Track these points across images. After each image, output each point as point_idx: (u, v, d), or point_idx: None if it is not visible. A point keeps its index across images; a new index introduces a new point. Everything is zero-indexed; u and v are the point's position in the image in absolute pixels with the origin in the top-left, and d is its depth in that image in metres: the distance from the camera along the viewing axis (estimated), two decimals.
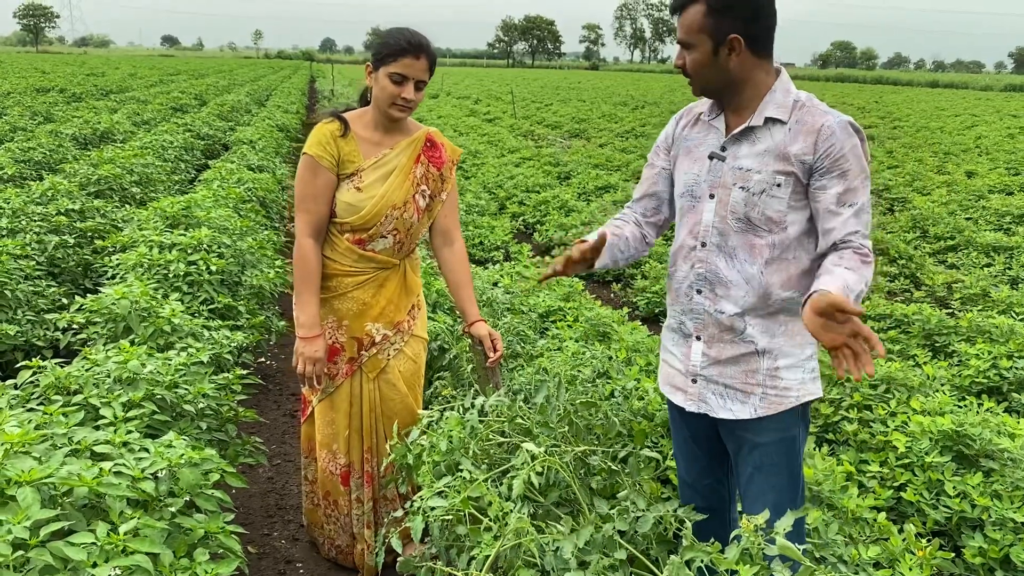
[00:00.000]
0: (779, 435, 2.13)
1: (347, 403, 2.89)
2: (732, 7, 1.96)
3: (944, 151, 16.48)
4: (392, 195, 2.74)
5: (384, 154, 2.76)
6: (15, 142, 10.26)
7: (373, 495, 2.96)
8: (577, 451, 2.37)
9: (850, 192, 1.97)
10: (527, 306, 5.00)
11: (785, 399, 2.10)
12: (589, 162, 13.75)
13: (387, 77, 2.62)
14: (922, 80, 75.12)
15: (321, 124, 2.76)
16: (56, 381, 2.76)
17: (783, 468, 2.15)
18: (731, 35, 1.97)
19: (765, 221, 2.05)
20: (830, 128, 1.97)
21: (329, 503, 3.03)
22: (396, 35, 2.63)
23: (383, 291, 2.83)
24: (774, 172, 2.02)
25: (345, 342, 2.85)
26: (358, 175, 2.72)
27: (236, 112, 18.47)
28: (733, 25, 1.97)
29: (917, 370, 4.31)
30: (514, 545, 2.00)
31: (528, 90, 40.16)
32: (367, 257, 2.78)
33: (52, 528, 1.73)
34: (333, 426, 2.92)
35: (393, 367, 2.89)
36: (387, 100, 2.65)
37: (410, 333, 2.92)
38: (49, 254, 5.30)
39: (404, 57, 2.59)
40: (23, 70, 34.11)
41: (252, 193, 7.51)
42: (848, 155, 1.96)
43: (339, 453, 2.93)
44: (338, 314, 2.83)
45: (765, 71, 2.06)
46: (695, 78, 2.08)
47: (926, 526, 3.19)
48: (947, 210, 9.73)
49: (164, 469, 2.18)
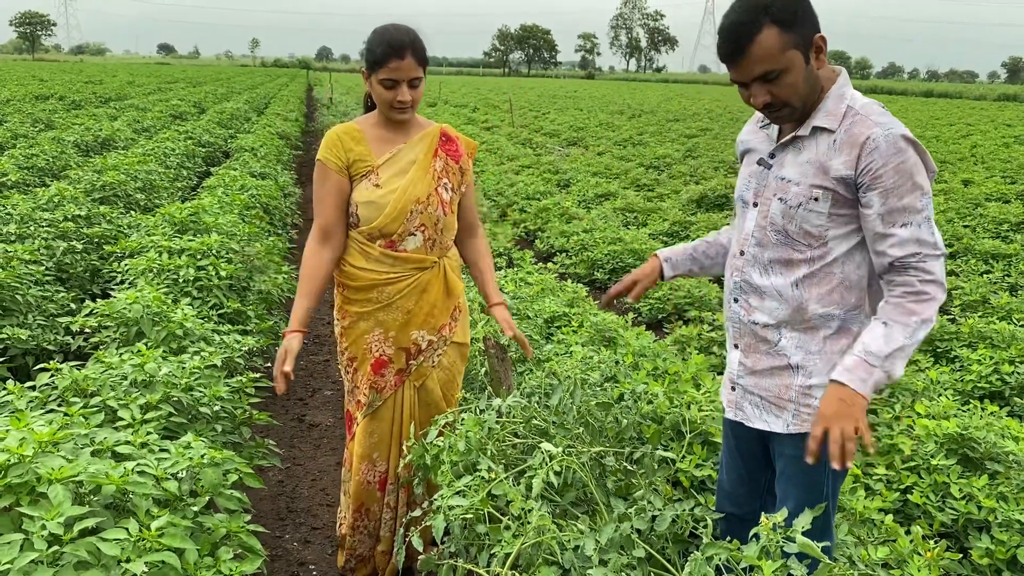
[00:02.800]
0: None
1: (390, 412, 2.85)
2: (797, 10, 1.89)
3: (940, 160, 16.56)
4: (414, 189, 2.69)
5: (399, 149, 2.73)
6: (18, 149, 10.29)
7: (407, 499, 2.93)
8: (593, 451, 2.40)
9: (897, 212, 1.86)
10: (532, 312, 5.04)
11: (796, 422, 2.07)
12: (588, 170, 13.81)
13: (379, 84, 2.61)
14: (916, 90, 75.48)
15: (334, 128, 2.77)
16: (74, 383, 2.79)
17: (808, 485, 2.09)
18: (815, 35, 1.90)
19: (803, 235, 1.99)
20: (875, 141, 1.86)
21: (360, 514, 2.96)
22: (378, 39, 2.59)
23: (426, 296, 2.77)
24: (811, 186, 1.96)
25: (392, 354, 2.80)
26: (374, 173, 2.69)
27: (236, 120, 18.52)
28: (813, 26, 1.91)
29: (920, 375, 4.36)
30: (534, 543, 2.03)
31: (525, 99, 40.29)
32: (402, 259, 2.72)
33: (82, 525, 1.76)
34: (375, 436, 2.86)
35: (433, 375, 2.87)
36: (385, 105, 2.65)
37: (450, 340, 2.88)
38: (57, 259, 5.33)
39: (389, 61, 2.56)
40: (21, 78, 34.14)
41: (256, 200, 7.55)
42: (890, 171, 1.85)
43: (379, 461, 2.89)
44: (384, 326, 2.78)
45: (828, 72, 1.99)
46: (794, 99, 1.94)
47: (933, 528, 3.22)
48: (945, 218, 9.80)
49: (185, 469, 2.21)
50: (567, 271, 7.84)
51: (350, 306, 2.80)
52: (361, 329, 2.79)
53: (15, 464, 1.88)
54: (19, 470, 1.86)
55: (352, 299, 2.79)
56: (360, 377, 2.84)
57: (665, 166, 15.27)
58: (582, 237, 8.27)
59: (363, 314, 2.77)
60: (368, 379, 2.81)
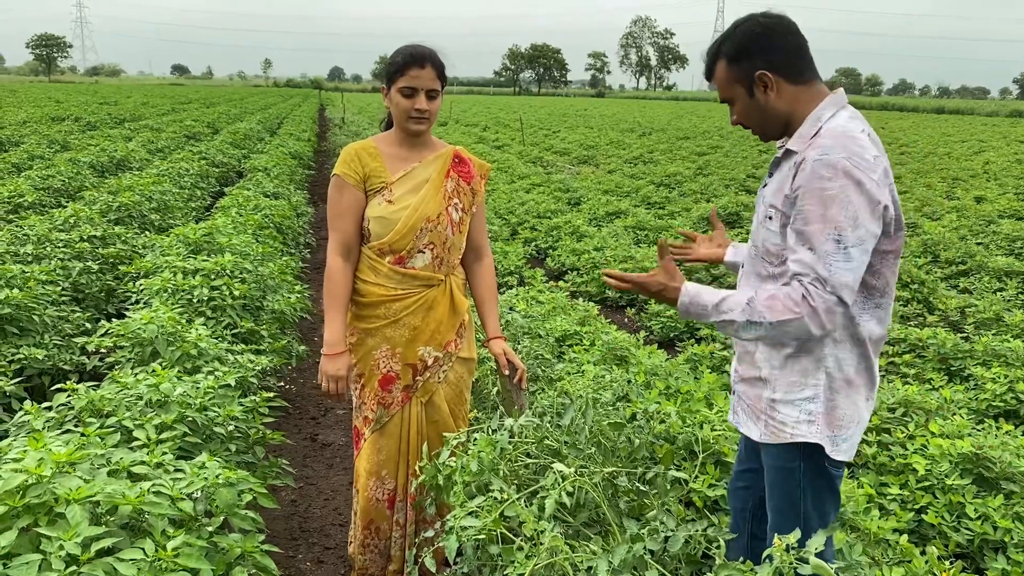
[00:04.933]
0: (779, 463, 2.17)
1: (398, 428, 2.87)
2: (747, 47, 2.03)
3: (952, 176, 16.54)
4: (425, 207, 2.75)
5: (413, 167, 2.79)
6: (34, 170, 10.41)
7: (416, 517, 2.94)
8: (606, 472, 2.40)
9: (803, 235, 1.91)
10: (544, 330, 5.05)
11: (782, 433, 2.11)
12: (599, 188, 13.84)
13: (398, 92, 2.68)
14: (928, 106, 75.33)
15: (352, 143, 2.83)
16: (90, 404, 2.81)
17: (783, 495, 2.17)
18: (756, 72, 2.02)
19: (767, 252, 2.08)
20: (806, 164, 1.92)
21: (370, 532, 2.97)
22: (400, 51, 2.71)
23: (432, 313, 2.82)
24: (769, 205, 2.06)
25: (400, 370, 2.83)
26: (388, 189, 2.75)
27: (249, 140, 18.66)
28: (754, 64, 2.02)
29: (934, 393, 4.34)
30: (547, 564, 2.03)
31: (535, 117, 40.46)
32: (409, 275, 2.77)
33: (100, 545, 1.78)
34: (383, 452, 2.88)
35: (440, 391, 2.90)
36: (403, 115, 2.71)
37: (456, 355, 2.91)
38: (73, 280, 5.38)
39: (409, 69, 2.66)
40: (38, 99, 34.56)
41: (269, 220, 7.60)
42: (806, 195, 1.90)
43: (387, 478, 2.91)
44: (391, 342, 2.81)
45: (810, 98, 2.05)
46: (750, 126, 2.12)
47: (948, 548, 3.20)
48: (958, 235, 9.77)
49: (201, 489, 2.22)
50: (578, 289, 7.85)
51: (358, 322, 2.84)
52: (369, 345, 2.83)
53: (33, 484, 1.90)
54: (37, 490, 1.88)
55: (360, 315, 2.83)
56: (368, 393, 2.87)
57: (676, 184, 15.28)
58: (593, 255, 8.28)
59: (370, 330, 2.81)
60: (376, 395, 2.85)
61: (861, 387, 2.09)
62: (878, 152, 1.96)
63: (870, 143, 1.95)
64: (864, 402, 2.11)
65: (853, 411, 2.08)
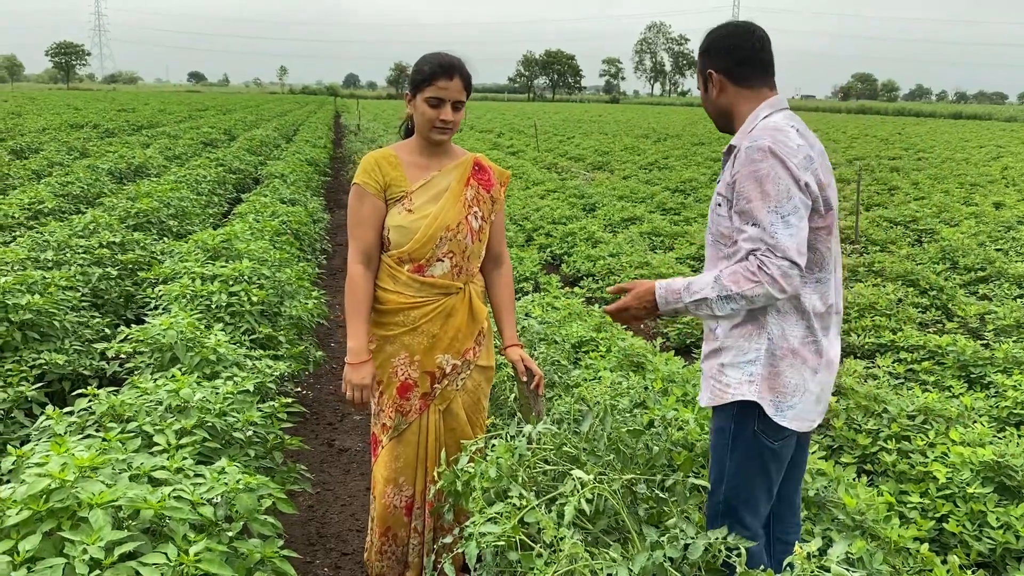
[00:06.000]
0: (716, 425, 2.38)
1: (416, 435, 2.87)
2: (709, 48, 2.36)
3: (971, 182, 16.41)
4: (445, 216, 2.75)
5: (432, 176, 2.79)
6: (54, 176, 10.51)
7: (433, 524, 2.94)
8: (625, 479, 2.39)
9: (745, 213, 2.15)
10: (560, 336, 5.04)
11: (724, 394, 2.30)
12: (614, 194, 13.83)
13: (424, 102, 2.68)
14: (945, 111, 74.83)
15: (372, 152, 2.83)
16: (111, 409, 2.83)
17: (715, 453, 2.38)
18: (708, 71, 2.35)
19: (720, 236, 2.31)
20: (742, 151, 2.19)
21: (387, 539, 2.96)
22: (429, 60, 2.70)
23: (451, 321, 2.82)
24: (717, 193, 2.31)
25: (418, 378, 2.83)
26: (407, 198, 2.75)
27: (265, 146, 18.77)
28: (711, 63, 2.35)
29: (954, 401, 4.30)
30: (567, 571, 2.03)
31: (550, 123, 40.49)
32: (428, 284, 2.78)
33: (122, 550, 1.79)
34: (401, 460, 2.88)
35: (458, 398, 2.90)
36: (427, 124, 2.72)
37: (475, 363, 2.92)
38: (93, 285, 5.43)
39: (438, 80, 2.66)
40: (57, 107, 34.90)
41: (286, 226, 7.64)
42: (742, 177, 2.16)
43: (405, 485, 2.90)
44: (409, 349, 2.81)
45: (750, 100, 2.33)
46: (707, 112, 2.45)
47: (970, 557, 3.18)
48: (976, 241, 9.69)
49: (221, 494, 2.23)
50: (594, 295, 7.84)
51: (377, 329, 2.84)
52: (387, 353, 2.82)
53: (57, 489, 1.91)
54: (61, 495, 1.90)
55: (379, 322, 2.83)
56: (386, 400, 2.87)
57: (691, 189, 15.23)
58: (608, 261, 8.27)
59: (389, 337, 2.81)
60: (394, 402, 2.85)
61: (808, 359, 2.26)
62: (803, 143, 2.21)
63: (796, 135, 2.21)
64: (812, 375, 2.27)
65: (799, 381, 2.25)
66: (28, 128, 21.21)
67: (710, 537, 2.15)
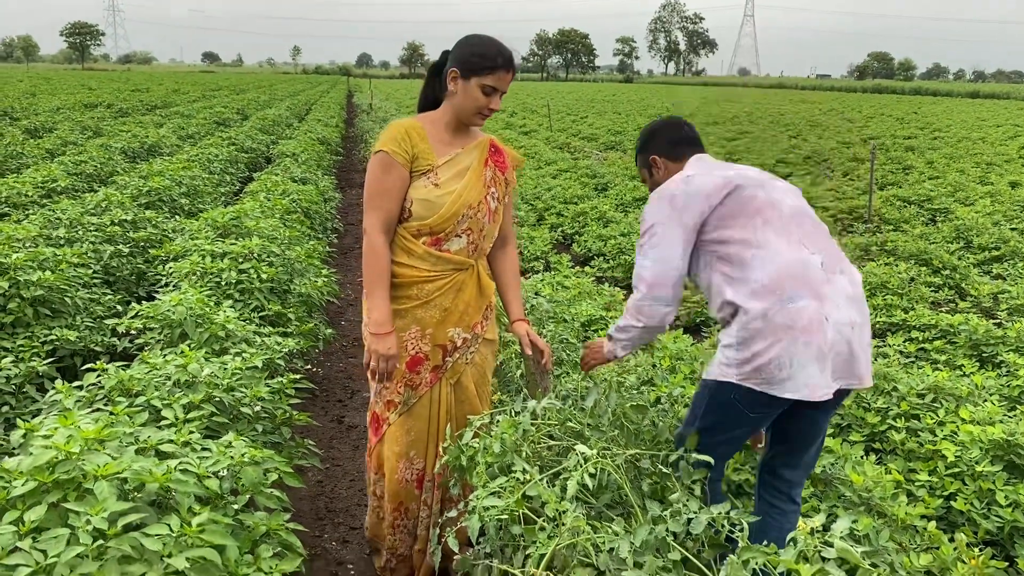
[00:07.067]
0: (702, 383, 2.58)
1: (427, 408, 2.88)
2: (639, 146, 2.83)
3: (987, 162, 16.22)
4: (468, 194, 2.75)
5: (456, 154, 2.77)
6: (67, 155, 10.55)
7: (442, 496, 2.96)
8: (628, 454, 2.39)
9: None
10: (569, 315, 5.04)
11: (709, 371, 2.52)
12: (626, 174, 13.74)
13: (479, 88, 2.66)
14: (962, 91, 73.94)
15: (397, 121, 2.79)
16: (119, 383, 2.85)
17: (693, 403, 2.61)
18: (651, 157, 2.77)
19: None
20: None
21: (400, 513, 2.99)
22: (493, 46, 2.67)
23: (461, 295, 2.83)
24: None
25: (429, 351, 2.84)
26: (434, 172, 2.72)
27: (277, 126, 18.77)
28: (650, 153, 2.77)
29: (965, 380, 4.27)
30: (569, 544, 2.04)
31: (563, 103, 40.27)
32: (444, 258, 2.78)
33: (128, 520, 1.80)
34: (412, 434, 2.89)
35: (467, 371, 2.91)
36: (475, 109, 2.70)
37: (483, 337, 2.95)
38: (104, 263, 5.45)
39: (499, 71, 2.66)
40: (71, 87, 35.01)
41: (297, 204, 7.65)
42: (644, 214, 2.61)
43: (416, 459, 2.91)
44: (421, 323, 2.81)
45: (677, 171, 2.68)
46: None
47: (977, 536, 3.17)
48: (991, 220, 9.59)
49: (227, 468, 2.24)
50: (604, 275, 7.83)
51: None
52: (397, 327, 2.80)
53: (63, 461, 1.93)
54: (66, 466, 1.91)
55: (392, 296, 2.80)
56: (395, 374, 2.86)
57: None
58: (619, 241, 8.24)
59: (400, 311, 2.80)
60: (403, 376, 2.84)
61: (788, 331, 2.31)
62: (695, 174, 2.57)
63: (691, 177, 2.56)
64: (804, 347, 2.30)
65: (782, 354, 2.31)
66: (42, 108, 21.29)
67: (713, 512, 2.15)
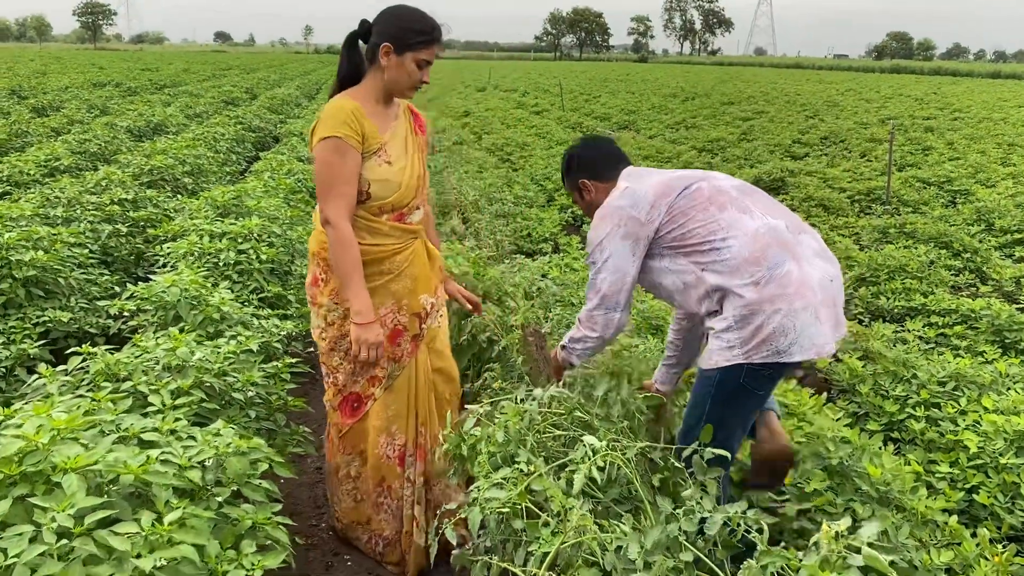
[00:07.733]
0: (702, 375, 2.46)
1: (405, 382, 2.90)
2: (564, 171, 2.79)
3: (1008, 142, 15.92)
4: (413, 165, 2.79)
5: (393, 126, 2.77)
6: (72, 134, 10.44)
7: (425, 471, 2.96)
8: (640, 447, 2.26)
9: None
10: (577, 298, 4.90)
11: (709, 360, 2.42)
12: (639, 154, 13.55)
13: (414, 62, 2.64)
14: (983, 71, 72.79)
15: (337, 103, 2.66)
16: (106, 368, 2.74)
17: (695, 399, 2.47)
18: (580, 180, 2.73)
19: None
20: None
21: (383, 490, 2.98)
22: (427, 22, 2.65)
23: (420, 260, 2.89)
24: None
25: (407, 321, 2.87)
26: (383, 150, 2.70)
27: (287, 105, 18.66)
28: (577, 176, 2.73)
29: (987, 367, 4.12)
30: (574, 543, 1.91)
31: (576, 82, 39.91)
32: (410, 231, 2.82)
33: (97, 516, 1.68)
34: (392, 408, 2.90)
35: (439, 335, 3.00)
36: (410, 83, 2.69)
37: (443, 298, 3.05)
38: (102, 243, 5.35)
39: (434, 45, 2.66)
40: (81, 66, 34.92)
41: (302, 184, 7.53)
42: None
43: (398, 433, 2.93)
44: (396, 296, 2.83)
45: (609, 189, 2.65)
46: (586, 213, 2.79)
47: (1001, 531, 3.05)
48: (1013, 202, 9.36)
49: (211, 458, 2.13)
50: None
51: None
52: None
53: (31, 452, 1.81)
54: (35, 458, 1.79)
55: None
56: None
57: (719, 149, 14.91)
58: None
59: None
60: (385, 351, 2.83)
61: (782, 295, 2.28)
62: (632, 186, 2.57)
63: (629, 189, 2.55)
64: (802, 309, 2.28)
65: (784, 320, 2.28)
66: (51, 86, 21.20)
67: (729, 511, 2.01)
